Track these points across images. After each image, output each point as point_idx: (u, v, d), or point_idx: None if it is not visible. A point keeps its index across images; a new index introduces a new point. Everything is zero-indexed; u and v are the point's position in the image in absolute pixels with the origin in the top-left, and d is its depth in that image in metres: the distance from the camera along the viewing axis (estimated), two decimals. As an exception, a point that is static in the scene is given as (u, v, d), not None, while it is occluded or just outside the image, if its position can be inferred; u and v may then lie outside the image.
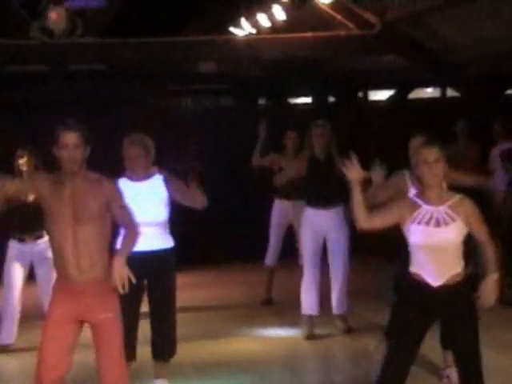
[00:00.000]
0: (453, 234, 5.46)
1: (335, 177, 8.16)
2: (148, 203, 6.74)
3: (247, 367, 7.49)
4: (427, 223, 5.45)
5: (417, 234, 5.47)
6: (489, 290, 5.45)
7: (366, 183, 5.86)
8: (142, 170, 6.80)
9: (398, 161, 6.91)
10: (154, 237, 6.73)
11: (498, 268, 5.40)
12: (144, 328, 6.80)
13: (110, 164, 9.49)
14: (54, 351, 5.32)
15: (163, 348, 6.81)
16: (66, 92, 12.77)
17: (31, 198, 7.37)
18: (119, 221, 5.48)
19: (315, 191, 8.60)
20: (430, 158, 5.39)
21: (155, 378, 6.84)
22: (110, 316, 5.37)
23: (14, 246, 8.12)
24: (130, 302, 6.47)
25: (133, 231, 5.46)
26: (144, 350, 6.78)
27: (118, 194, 5.51)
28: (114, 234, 5.90)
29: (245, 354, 7.92)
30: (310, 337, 8.33)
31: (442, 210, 5.50)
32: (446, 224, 5.46)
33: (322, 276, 8.58)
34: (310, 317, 8.44)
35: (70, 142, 5.36)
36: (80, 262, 5.33)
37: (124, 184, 6.71)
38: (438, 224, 5.47)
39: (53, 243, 5.47)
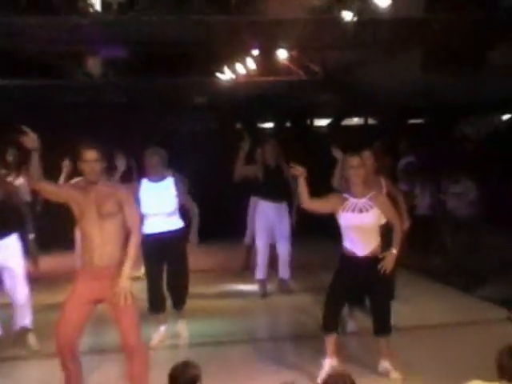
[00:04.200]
0: (371, 217, 6.09)
1: (282, 180, 9.35)
2: (162, 198, 7.47)
3: (241, 314, 8.90)
4: (353, 210, 6.09)
5: (346, 219, 6.11)
6: (387, 260, 6.04)
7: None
8: (158, 173, 7.50)
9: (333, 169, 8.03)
10: (166, 221, 7.51)
11: (398, 246, 6.12)
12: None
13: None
14: (72, 319, 5.51)
15: (178, 299, 7.72)
16: (99, 119, 13.42)
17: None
18: (128, 222, 5.40)
19: (267, 189, 9.54)
20: (354, 164, 6.14)
21: (177, 319, 7.89)
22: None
23: None
24: (155, 270, 7.47)
25: (134, 239, 5.38)
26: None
27: (130, 199, 5.57)
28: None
29: (235, 305, 9.34)
30: (265, 296, 9.73)
31: (363, 201, 6.11)
32: (367, 211, 6.07)
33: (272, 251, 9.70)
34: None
35: (90, 158, 5.44)
36: (104, 250, 5.44)
37: (144, 183, 7.52)
38: (360, 211, 6.07)
39: (83, 236, 5.61)
